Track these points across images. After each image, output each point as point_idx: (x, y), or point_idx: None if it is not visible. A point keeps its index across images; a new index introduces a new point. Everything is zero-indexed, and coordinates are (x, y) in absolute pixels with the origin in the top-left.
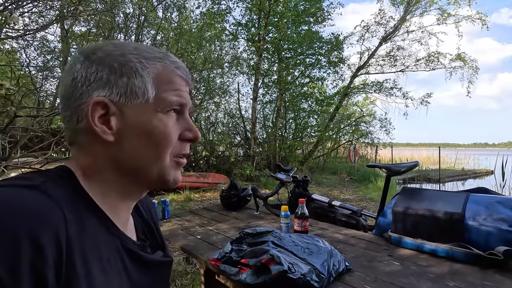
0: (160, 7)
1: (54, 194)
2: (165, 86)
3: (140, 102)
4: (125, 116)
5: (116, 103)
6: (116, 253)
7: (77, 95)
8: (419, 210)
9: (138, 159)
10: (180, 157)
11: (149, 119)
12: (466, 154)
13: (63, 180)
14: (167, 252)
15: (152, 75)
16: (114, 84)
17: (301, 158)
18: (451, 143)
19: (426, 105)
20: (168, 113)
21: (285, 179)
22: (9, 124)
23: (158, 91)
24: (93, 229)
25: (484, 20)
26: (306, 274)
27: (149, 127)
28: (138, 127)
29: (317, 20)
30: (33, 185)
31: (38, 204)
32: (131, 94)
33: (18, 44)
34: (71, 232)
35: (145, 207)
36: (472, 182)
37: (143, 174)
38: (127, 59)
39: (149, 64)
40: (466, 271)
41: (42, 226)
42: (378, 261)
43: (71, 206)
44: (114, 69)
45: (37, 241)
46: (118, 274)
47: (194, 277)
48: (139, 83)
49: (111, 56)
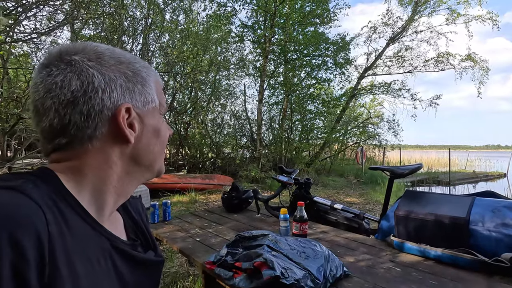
0: (167, 10)
1: (34, 194)
2: (160, 93)
3: (151, 108)
4: (142, 120)
5: (135, 108)
6: (105, 252)
7: (98, 101)
8: (422, 214)
9: (150, 156)
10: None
11: (159, 121)
12: (478, 156)
13: (44, 181)
14: (159, 252)
15: (154, 83)
16: (132, 91)
17: (307, 160)
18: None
19: (435, 106)
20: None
21: (286, 181)
22: (13, 126)
23: (159, 98)
24: (78, 230)
25: (495, 20)
26: (301, 280)
27: (159, 127)
28: (152, 129)
29: (323, 21)
30: (11, 186)
31: (17, 205)
32: (145, 100)
33: (29, 48)
34: (53, 233)
35: (134, 208)
36: (484, 185)
37: (152, 167)
38: (136, 68)
39: (149, 73)
40: (470, 278)
41: (22, 227)
42: (379, 267)
43: (53, 207)
44: (129, 77)
45: (18, 243)
46: (107, 273)
47: (196, 279)
48: (150, 90)
49: (123, 64)
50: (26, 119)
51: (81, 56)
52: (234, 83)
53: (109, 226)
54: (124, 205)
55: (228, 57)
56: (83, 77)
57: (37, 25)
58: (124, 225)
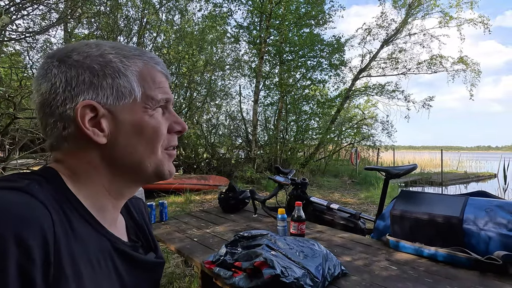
0: (162, 9)
1: (40, 195)
2: (149, 83)
3: (128, 102)
4: (115, 117)
5: (104, 105)
6: (105, 253)
7: (60, 101)
8: (417, 213)
9: (133, 156)
10: (171, 149)
11: (140, 117)
12: (469, 157)
13: (48, 181)
14: (160, 254)
15: (135, 73)
16: (99, 86)
17: (302, 161)
18: (454, 146)
19: (428, 108)
20: (156, 109)
21: (283, 182)
22: (8, 125)
23: (144, 89)
24: (81, 230)
25: (486, 24)
26: (300, 278)
27: (141, 124)
28: (131, 126)
29: (318, 23)
30: (18, 187)
31: (24, 205)
32: (118, 94)
33: (21, 47)
34: (59, 233)
35: (137, 209)
36: (475, 185)
37: (140, 169)
38: (107, 59)
39: (130, 62)
40: (464, 276)
41: (29, 227)
42: (375, 265)
43: (58, 207)
44: (95, 71)
45: (24, 242)
46: (108, 274)
47: (192, 279)
48: (124, 83)
49: (90, 58)
50: (21, 119)
51: (51, 58)
52: (230, 83)
53: (110, 227)
54: (126, 205)
55: (224, 57)
56: (48, 79)
57: (30, 24)
58: (126, 226)
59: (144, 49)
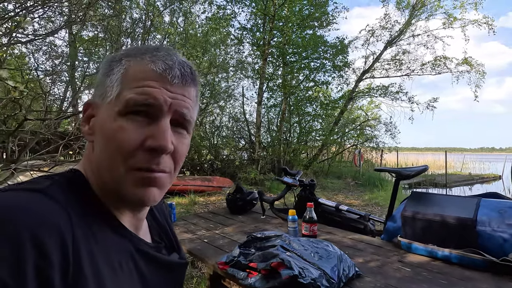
0: (166, 12)
1: (60, 196)
2: (130, 83)
3: (107, 102)
4: (97, 116)
5: (96, 104)
6: (127, 255)
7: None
8: (429, 215)
9: (101, 165)
10: (144, 170)
11: (107, 121)
12: (473, 158)
13: (71, 183)
14: (183, 254)
15: (122, 72)
16: (100, 85)
17: (305, 162)
18: (457, 148)
19: (432, 109)
20: (130, 116)
21: (291, 183)
22: (18, 127)
23: (121, 89)
24: (102, 232)
25: (491, 25)
26: (317, 279)
27: (106, 128)
28: (101, 128)
29: (322, 24)
30: (37, 189)
31: (41, 206)
32: (105, 93)
33: (27, 49)
34: (78, 234)
35: (160, 210)
36: (479, 187)
37: (105, 183)
38: (111, 59)
39: (126, 61)
40: (479, 278)
41: (46, 228)
42: (388, 267)
43: (79, 208)
44: (103, 71)
45: (41, 243)
46: (130, 276)
47: (200, 281)
48: (110, 82)
49: (106, 59)
50: (32, 120)
51: None
52: (233, 85)
53: (133, 228)
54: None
55: (227, 59)
56: None
57: (36, 26)
58: (149, 227)
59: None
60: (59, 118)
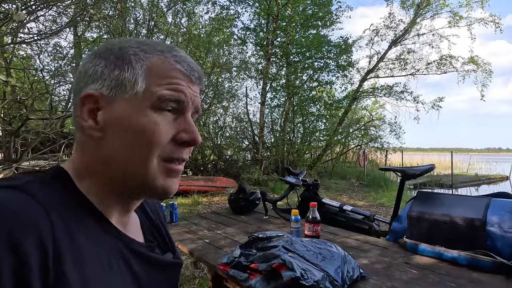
0: (169, 12)
1: (40, 194)
2: (158, 79)
3: (128, 96)
4: (112, 111)
5: (105, 97)
6: (118, 255)
7: (78, 90)
8: (436, 215)
9: (122, 161)
10: (173, 161)
11: (136, 114)
12: (479, 159)
13: (54, 180)
14: (177, 254)
15: (145, 67)
16: (107, 77)
17: (309, 163)
18: (463, 148)
19: (437, 109)
20: (161, 112)
21: (295, 183)
22: (20, 127)
23: (149, 85)
24: (88, 232)
25: (497, 23)
26: (320, 281)
27: (134, 123)
28: (123, 122)
29: (325, 24)
30: (14, 185)
31: (18, 205)
32: (120, 87)
33: (32, 50)
34: (59, 235)
35: (153, 209)
36: (486, 188)
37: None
38: (123, 52)
39: (145, 56)
40: (489, 280)
41: (24, 229)
42: (394, 269)
43: (60, 207)
44: (109, 62)
45: (18, 246)
46: (122, 277)
47: (202, 282)
48: (129, 76)
49: (111, 50)
50: (33, 119)
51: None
52: (236, 85)
53: (124, 227)
54: (141, 205)
55: (231, 59)
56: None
57: (40, 27)
58: (141, 226)
59: (177, 48)
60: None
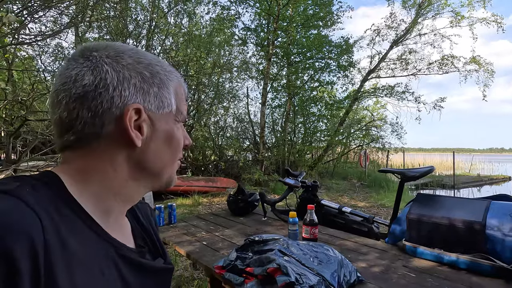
0: (170, 13)
1: (30, 199)
2: (181, 99)
3: (166, 112)
4: (153, 123)
5: (147, 111)
6: (109, 261)
7: (107, 98)
8: (435, 218)
9: (158, 163)
10: (179, 161)
11: (172, 128)
12: (482, 159)
13: (44, 184)
14: (168, 260)
15: (173, 88)
16: (147, 93)
17: (310, 163)
18: (465, 148)
19: (439, 109)
20: (178, 123)
21: (293, 184)
22: (19, 128)
23: (177, 103)
24: (80, 237)
25: (500, 23)
26: (315, 286)
27: (171, 135)
28: (164, 134)
29: (326, 24)
30: (5, 190)
31: (8, 210)
32: (160, 103)
33: (33, 51)
34: (50, 241)
35: (144, 214)
36: (489, 188)
37: (159, 176)
38: (155, 70)
39: (171, 77)
40: (488, 284)
41: (14, 235)
42: (392, 272)
43: (53, 212)
44: (146, 78)
45: (8, 254)
46: (112, 283)
47: (201, 283)
48: (166, 94)
49: (142, 64)
50: (32, 121)
51: (100, 52)
52: (237, 85)
53: (115, 233)
54: (132, 209)
55: (231, 60)
56: (97, 72)
57: (42, 28)
58: (132, 231)
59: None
60: None
